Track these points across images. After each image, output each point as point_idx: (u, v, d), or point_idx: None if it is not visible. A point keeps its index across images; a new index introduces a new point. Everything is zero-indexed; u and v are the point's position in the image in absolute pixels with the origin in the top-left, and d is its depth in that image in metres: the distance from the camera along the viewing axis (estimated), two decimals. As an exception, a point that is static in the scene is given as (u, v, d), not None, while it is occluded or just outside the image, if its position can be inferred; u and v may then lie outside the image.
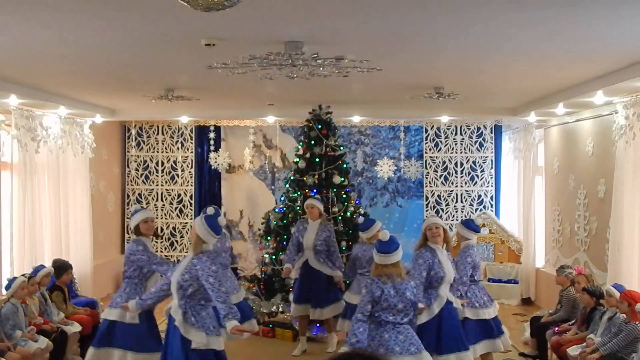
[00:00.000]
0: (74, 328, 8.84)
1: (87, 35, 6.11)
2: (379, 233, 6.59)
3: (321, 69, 6.55)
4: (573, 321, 8.69)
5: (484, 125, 14.54)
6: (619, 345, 7.18)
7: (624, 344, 7.16)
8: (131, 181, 14.76)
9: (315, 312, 9.31)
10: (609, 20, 5.55)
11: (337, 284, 9.38)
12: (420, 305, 6.62)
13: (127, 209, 14.63)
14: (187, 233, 14.53)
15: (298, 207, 10.38)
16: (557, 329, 8.72)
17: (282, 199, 10.89)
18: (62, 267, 9.38)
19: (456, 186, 14.64)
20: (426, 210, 14.61)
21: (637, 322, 7.11)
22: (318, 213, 9.38)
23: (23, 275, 8.48)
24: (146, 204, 14.62)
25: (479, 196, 14.62)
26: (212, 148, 14.69)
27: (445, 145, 14.65)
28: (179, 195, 14.72)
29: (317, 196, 9.93)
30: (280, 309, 10.29)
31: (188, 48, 6.59)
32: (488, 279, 13.32)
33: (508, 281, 13.28)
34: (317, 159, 10.49)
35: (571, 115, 11.07)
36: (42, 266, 9.05)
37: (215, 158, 14.61)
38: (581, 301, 8.47)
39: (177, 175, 14.75)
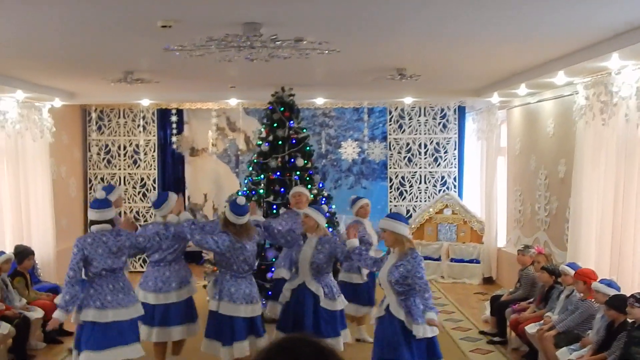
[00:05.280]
0: (37, 314, 8.81)
1: (41, 18, 5.99)
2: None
3: (280, 50, 6.49)
4: (531, 299, 8.81)
5: (447, 107, 14.58)
6: (575, 322, 7.32)
7: (580, 320, 7.30)
8: (93, 165, 14.58)
9: None
10: (569, 2, 5.56)
11: None
12: None
13: (90, 193, 14.47)
14: (151, 217, 14.41)
15: (261, 191, 10.33)
16: (516, 307, 8.84)
17: (246, 182, 10.84)
18: (23, 253, 9.32)
19: (420, 167, 14.68)
20: (390, 192, 14.65)
21: (592, 300, 7.23)
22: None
23: (-19, 261, 8.39)
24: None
25: (443, 177, 14.69)
26: (174, 131, 14.59)
27: (409, 127, 14.67)
28: (142, 179, 14.59)
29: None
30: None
31: (144, 30, 6.47)
32: (450, 259, 13.47)
33: (470, 261, 13.40)
34: (281, 142, 10.45)
35: (533, 96, 11.14)
36: (2, 252, 8.95)
37: (179, 140, 14.55)
38: (540, 280, 8.59)
39: (140, 159, 14.60)
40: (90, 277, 6.66)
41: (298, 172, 10.37)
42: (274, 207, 10.09)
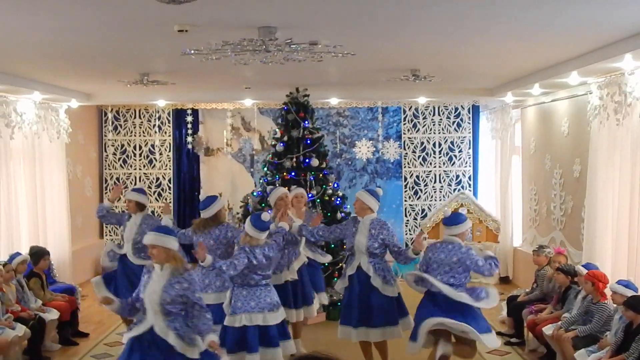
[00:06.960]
0: (52, 315, 8.82)
1: (60, 20, 6.05)
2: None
3: (295, 54, 6.53)
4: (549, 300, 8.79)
5: (461, 106, 14.57)
6: (594, 328, 7.27)
7: (599, 325, 7.25)
8: (109, 165, 14.69)
9: None
10: (582, 2, 5.56)
11: None
12: None
13: (105, 193, 14.57)
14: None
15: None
16: (533, 308, 8.81)
17: (261, 182, 10.88)
18: (39, 254, 9.35)
19: (434, 167, 14.68)
20: (405, 191, 14.66)
21: (605, 302, 7.22)
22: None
23: (-2, 262, 8.47)
24: (124, 188, 14.57)
25: (457, 176, 14.68)
26: (190, 131, 14.66)
27: (424, 126, 14.67)
28: (158, 179, 14.68)
29: None
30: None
31: (161, 34, 6.53)
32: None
33: (486, 260, 13.34)
34: (295, 142, 10.48)
35: (547, 95, 11.12)
36: (18, 253, 9.01)
37: (194, 140, 14.64)
38: (556, 280, 8.55)
39: (155, 159, 14.69)
40: None
41: (313, 172, 10.41)
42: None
